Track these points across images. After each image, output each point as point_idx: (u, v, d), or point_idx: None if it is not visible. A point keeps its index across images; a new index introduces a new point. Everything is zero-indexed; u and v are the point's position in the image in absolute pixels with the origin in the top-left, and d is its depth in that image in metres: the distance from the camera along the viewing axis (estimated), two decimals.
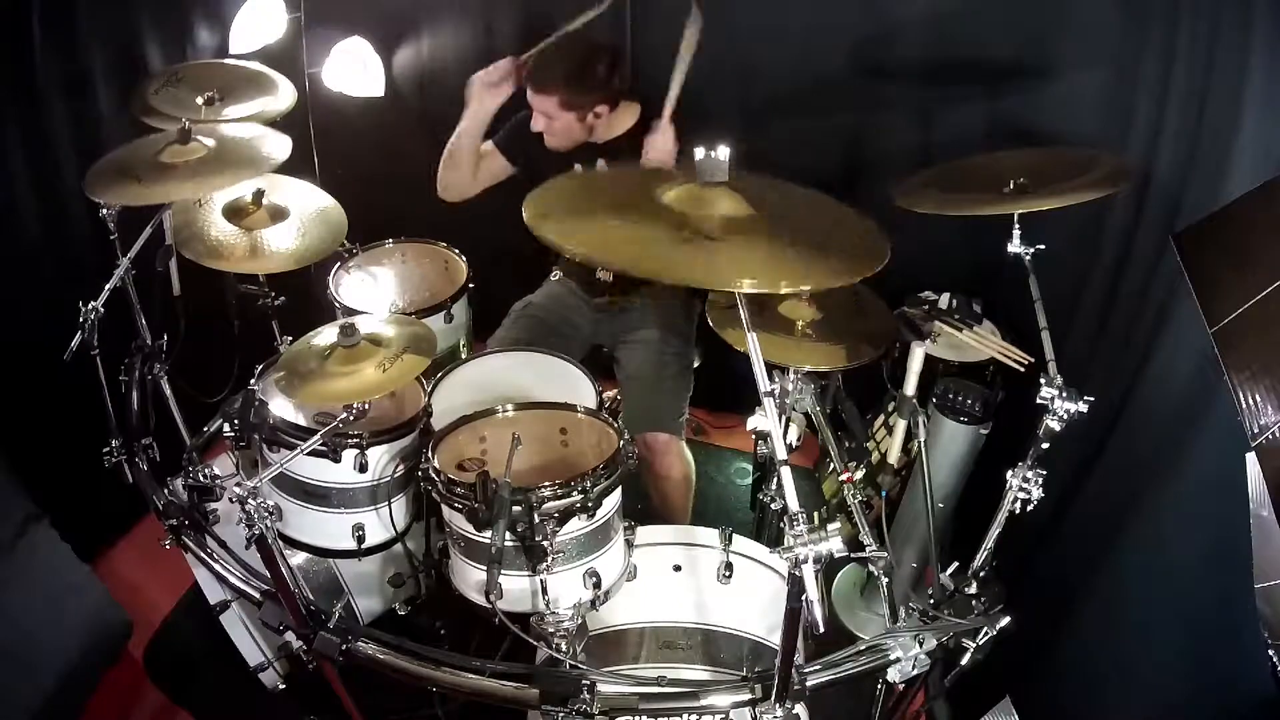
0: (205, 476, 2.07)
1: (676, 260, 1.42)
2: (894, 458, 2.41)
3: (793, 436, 2.35)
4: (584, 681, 1.63)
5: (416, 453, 1.90)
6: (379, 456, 1.89)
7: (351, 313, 2.41)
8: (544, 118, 2.45)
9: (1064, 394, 1.71)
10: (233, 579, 2.02)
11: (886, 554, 1.96)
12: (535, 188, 1.68)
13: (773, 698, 1.58)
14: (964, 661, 1.78)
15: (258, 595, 1.96)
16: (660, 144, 2.38)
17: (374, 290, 2.63)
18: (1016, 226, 1.83)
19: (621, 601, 1.86)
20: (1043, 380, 1.73)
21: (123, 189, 1.91)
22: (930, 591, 1.89)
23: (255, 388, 1.90)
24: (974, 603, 1.82)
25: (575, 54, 2.41)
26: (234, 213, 2.23)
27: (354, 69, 3.14)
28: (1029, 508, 1.78)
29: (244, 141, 2.05)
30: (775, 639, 1.60)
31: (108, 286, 2.05)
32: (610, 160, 2.57)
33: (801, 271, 1.46)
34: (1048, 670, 2.17)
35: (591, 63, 2.40)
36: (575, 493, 1.65)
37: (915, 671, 1.75)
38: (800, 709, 1.72)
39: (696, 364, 2.72)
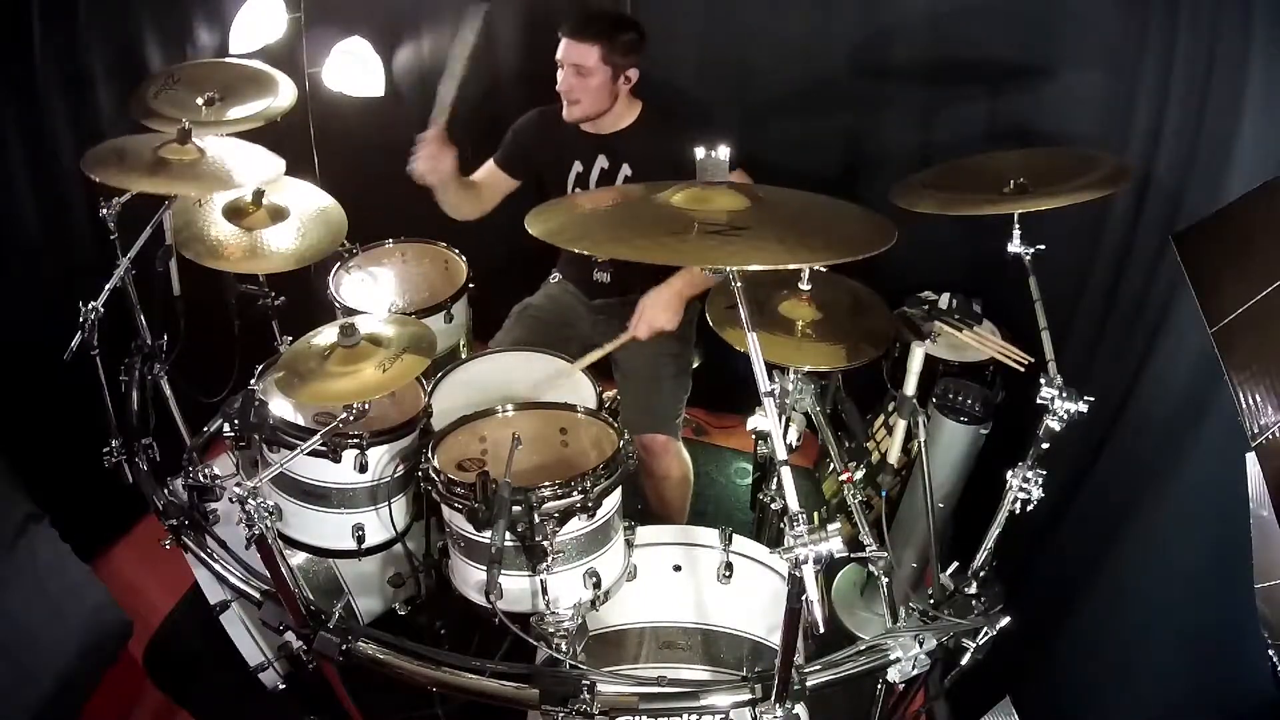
0: (205, 476, 2.07)
1: (686, 248, 1.43)
2: (894, 458, 2.41)
3: (793, 436, 2.35)
4: (584, 681, 1.63)
5: (416, 453, 1.90)
6: (379, 457, 1.89)
7: (351, 313, 2.41)
8: (575, 74, 2.41)
9: (1064, 394, 1.71)
10: (233, 579, 2.02)
11: (886, 554, 1.96)
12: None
13: (773, 698, 1.58)
14: (964, 661, 1.78)
15: (258, 595, 1.96)
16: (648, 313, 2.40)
17: (374, 290, 2.63)
18: (1016, 226, 1.83)
19: (621, 601, 1.86)
20: (1043, 380, 1.73)
21: (114, 173, 1.90)
22: (930, 591, 1.90)
23: (255, 388, 1.90)
24: (974, 603, 1.82)
25: (615, 15, 2.50)
26: (234, 213, 2.23)
27: (354, 69, 3.14)
28: (1029, 508, 1.78)
29: (236, 156, 2.05)
30: (775, 639, 1.60)
31: (108, 286, 2.05)
32: (610, 157, 2.57)
33: (812, 251, 1.47)
34: (1048, 670, 2.17)
35: (626, 27, 2.44)
36: (575, 493, 1.65)
37: (915, 671, 1.75)
38: (800, 709, 1.72)
39: (696, 364, 2.72)
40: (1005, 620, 1.75)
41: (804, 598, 1.34)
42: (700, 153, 1.56)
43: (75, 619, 2.36)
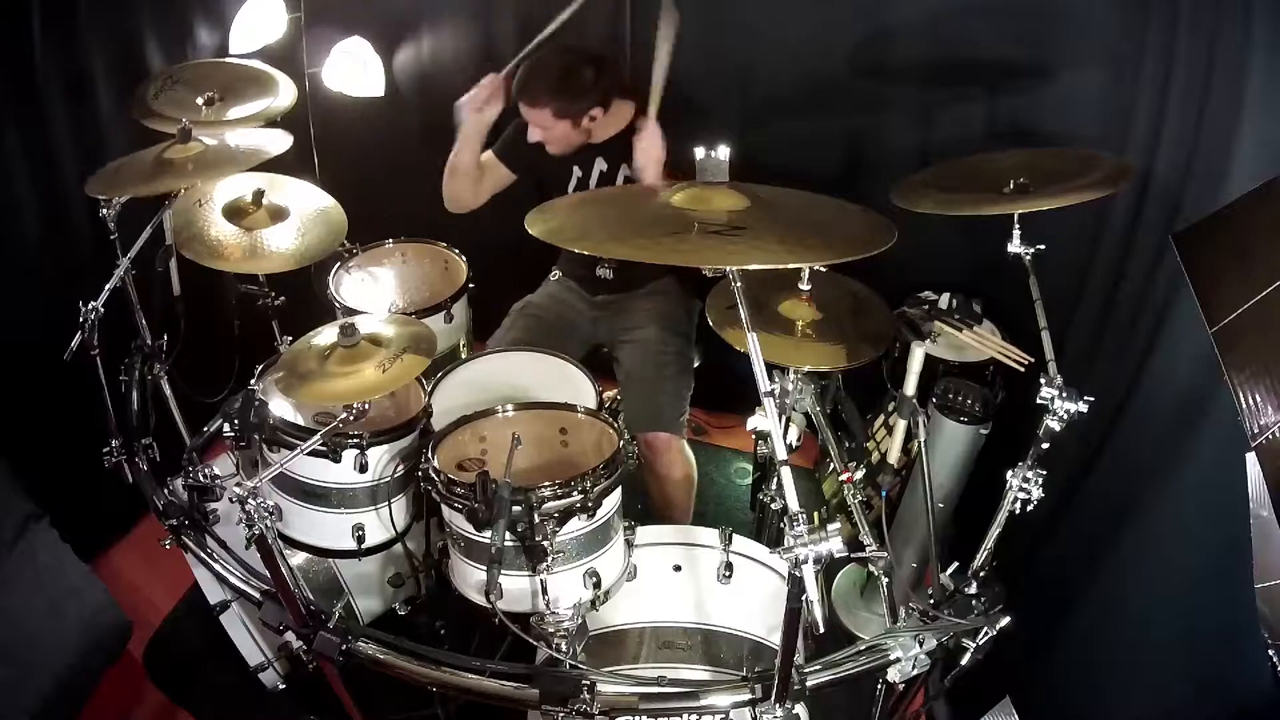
0: (205, 476, 2.07)
1: (686, 248, 1.43)
2: (894, 458, 2.41)
3: (793, 436, 2.35)
4: (584, 681, 1.63)
5: (416, 453, 1.90)
6: (379, 456, 1.89)
7: (351, 313, 2.41)
8: (540, 129, 2.45)
9: (1064, 394, 1.71)
10: (233, 579, 2.02)
11: (886, 554, 1.96)
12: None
13: (773, 698, 1.58)
14: (964, 661, 1.78)
15: (258, 595, 1.96)
16: (648, 144, 2.33)
17: (374, 290, 2.63)
18: (1016, 226, 1.83)
19: (621, 601, 1.86)
20: (1043, 380, 1.73)
21: (124, 185, 1.91)
22: (930, 591, 1.90)
23: (255, 388, 1.90)
24: (974, 603, 1.82)
25: (560, 64, 2.38)
26: (234, 213, 2.23)
27: (354, 69, 3.15)
28: (1029, 508, 1.78)
29: (243, 139, 2.06)
30: (775, 639, 1.60)
31: (108, 286, 2.05)
32: (609, 159, 2.57)
33: (812, 251, 1.47)
34: (1048, 670, 2.17)
35: (577, 70, 2.38)
36: (575, 493, 1.65)
37: (915, 671, 1.75)
38: (800, 709, 1.72)
39: (697, 364, 2.72)
40: (1005, 620, 1.75)
41: (804, 598, 1.34)
42: (700, 153, 1.56)
43: (75, 619, 2.36)
